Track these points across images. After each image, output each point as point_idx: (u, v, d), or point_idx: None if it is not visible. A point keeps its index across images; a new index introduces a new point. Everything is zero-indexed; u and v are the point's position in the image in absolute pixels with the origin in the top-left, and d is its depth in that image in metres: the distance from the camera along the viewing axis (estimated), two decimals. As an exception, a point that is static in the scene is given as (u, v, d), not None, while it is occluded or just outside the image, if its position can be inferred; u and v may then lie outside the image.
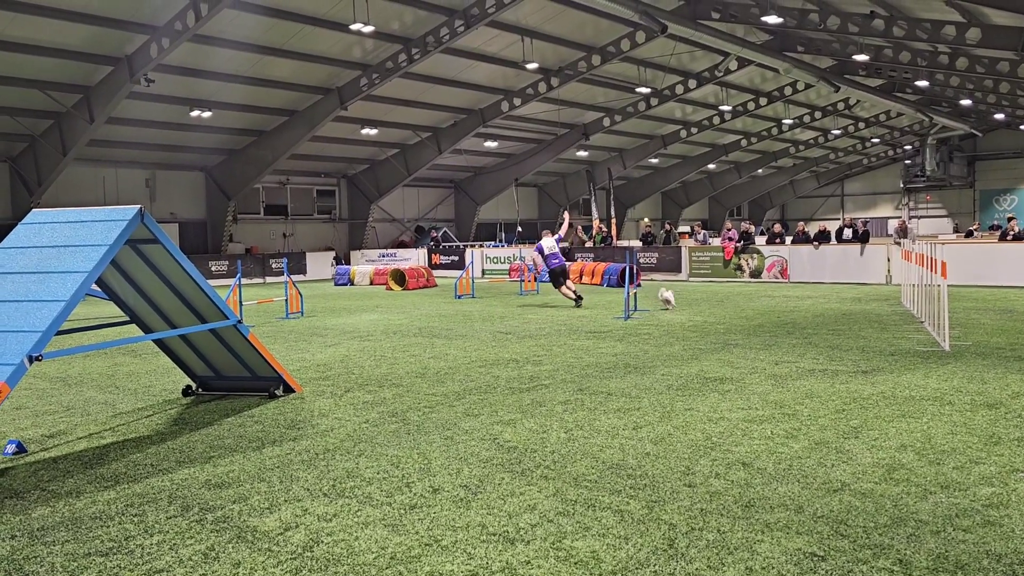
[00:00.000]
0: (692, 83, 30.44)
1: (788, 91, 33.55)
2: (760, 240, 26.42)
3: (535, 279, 22.18)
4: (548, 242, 16.92)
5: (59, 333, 6.01)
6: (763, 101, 34.66)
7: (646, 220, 31.86)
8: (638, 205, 47.94)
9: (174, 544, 4.12)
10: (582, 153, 39.77)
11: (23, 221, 6.35)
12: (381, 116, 29.79)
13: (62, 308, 5.34)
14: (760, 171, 49.82)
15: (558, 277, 16.69)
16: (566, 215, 18.80)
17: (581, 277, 24.29)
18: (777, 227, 25.64)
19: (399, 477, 5.11)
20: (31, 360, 5.10)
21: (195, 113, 25.37)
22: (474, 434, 6.13)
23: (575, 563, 3.72)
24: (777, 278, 22.88)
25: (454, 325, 13.61)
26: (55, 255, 5.83)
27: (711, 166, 46.34)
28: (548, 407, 7.01)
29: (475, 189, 40.37)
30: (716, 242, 28.96)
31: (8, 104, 22.62)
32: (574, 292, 16.57)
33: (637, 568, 3.67)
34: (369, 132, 30.73)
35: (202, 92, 24.57)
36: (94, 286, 6.05)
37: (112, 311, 14.44)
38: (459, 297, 19.68)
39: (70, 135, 23.80)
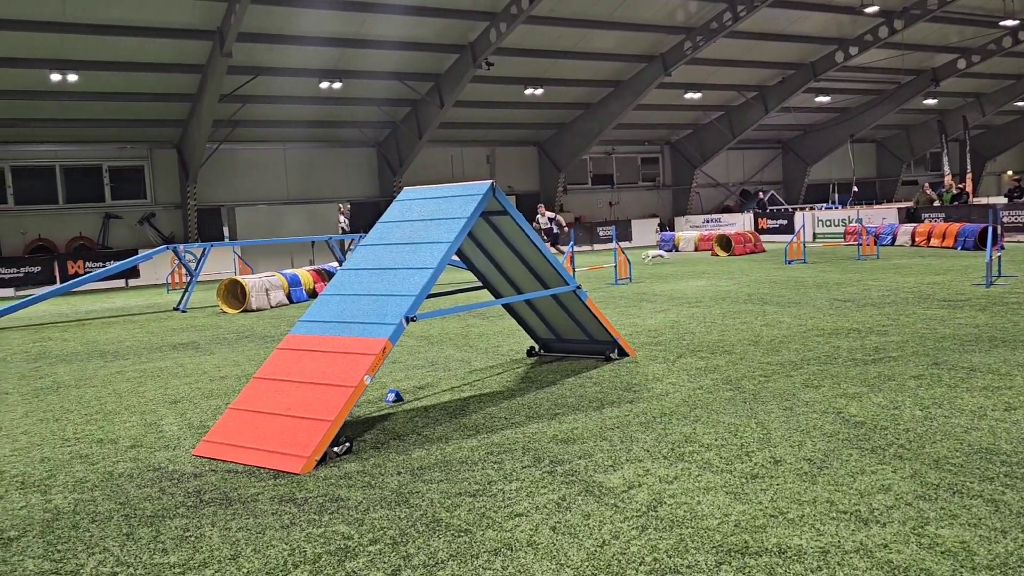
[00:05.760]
0: (1077, 8, 25.84)
1: None
2: None
3: (874, 242, 20.46)
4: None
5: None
6: None
7: (1010, 173, 27.78)
8: (999, 157, 41.94)
9: (530, 492, 4.49)
10: (930, 101, 35.68)
11: (397, 199, 7.25)
12: (704, 79, 29.23)
13: (431, 274, 6.03)
14: None
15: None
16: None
17: (929, 239, 21.93)
18: None
19: (738, 445, 5.08)
20: (407, 320, 5.83)
21: (529, 91, 26.91)
22: (815, 406, 5.88)
23: (941, 552, 3.44)
24: None
25: (786, 292, 13.07)
26: (423, 228, 6.58)
27: (1101, 105, 39.02)
28: (898, 381, 6.48)
29: (805, 148, 38.08)
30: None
31: (376, 96, 25.80)
32: None
33: (1020, 566, 3.29)
34: (692, 96, 30.33)
35: (535, 71, 25.97)
36: (453, 255, 6.71)
37: (456, 276, 15.96)
38: (789, 262, 18.82)
39: (424, 119, 26.55)
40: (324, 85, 24.05)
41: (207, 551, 3.91)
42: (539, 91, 26.93)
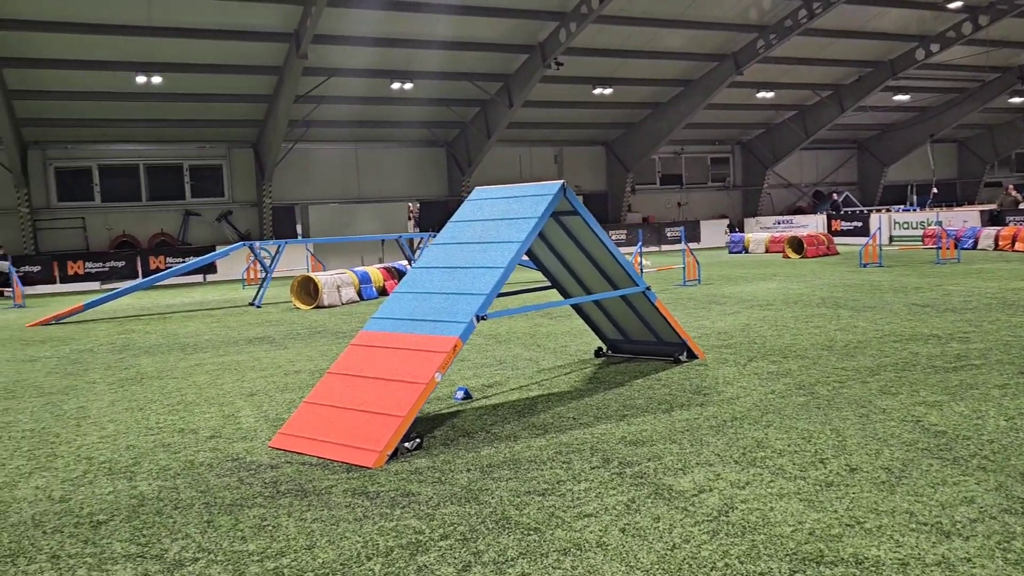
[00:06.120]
0: None
1: None
2: None
3: (955, 246, 19.76)
4: None
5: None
6: None
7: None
8: (1094, 157, 39.99)
9: (599, 492, 4.49)
10: (1016, 100, 34.26)
11: (468, 198, 7.32)
12: (777, 78, 28.67)
13: (501, 274, 6.07)
14: None
15: None
16: None
17: (1014, 243, 21.07)
18: None
19: (812, 452, 4.98)
20: (478, 319, 5.89)
21: (598, 91, 26.80)
22: (892, 414, 5.72)
23: (1028, 567, 3.32)
24: None
25: (860, 296, 12.74)
26: (494, 227, 6.64)
27: None
28: (981, 390, 6.26)
29: (881, 148, 37.00)
30: None
31: (446, 96, 26.06)
32: None
33: (1113, 584, 3.16)
34: (764, 95, 29.79)
35: (604, 70, 25.86)
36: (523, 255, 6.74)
37: (522, 276, 15.98)
38: (864, 266, 18.33)
39: (493, 119, 26.69)
40: (395, 86, 24.39)
41: (284, 540, 4.03)
42: (608, 91, 26.80)
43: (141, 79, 21.95)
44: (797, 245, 22.92)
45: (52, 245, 25.41)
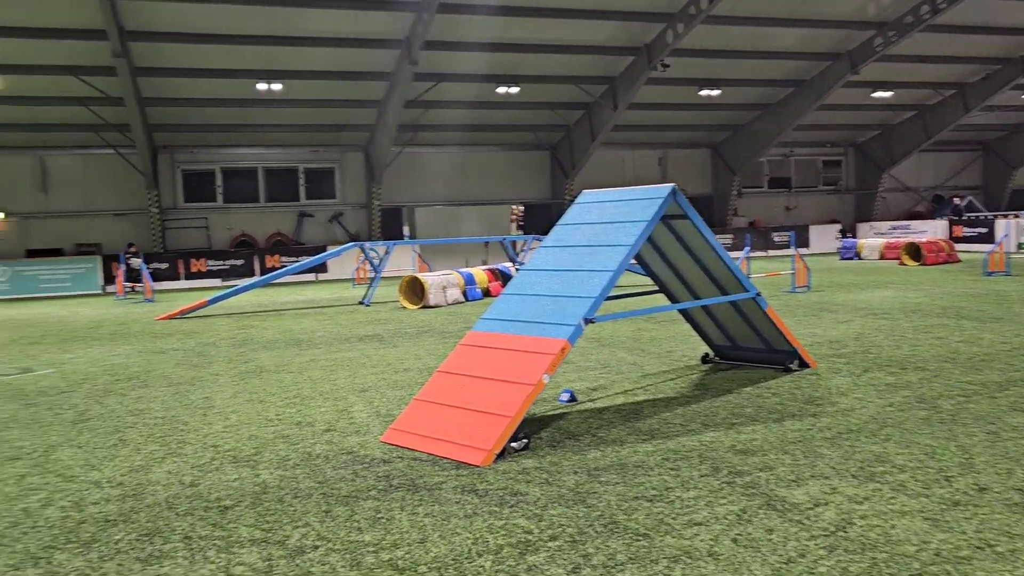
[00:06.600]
0: None
1: None
2: None
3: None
4: None
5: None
6: None
7: None
8: None
9: (709, 501, 4.43)
10: None
11: (576, 201, 7.35)
12: (896, 76, 27.46)
13: (610, 277, 6.07)
14: None
15: None
16: None
17: None
18: None
19: (935, 469, 4.77)
20: (586, 322, 5.91)
21: (704, 92, 26.34)
22: (1025, 432, 5.42)
23: None
24: None
25: (986, 306, 12.07)
26: (603, 230, 6.64)
27: None
28: (1125, 411, 5.85)
29: (1009, 150, 34.92)
30: None
31: (551, 99, 26.16)
32: None
33: None
34: (881, 95, 28.60)
35: (711, 71, 25.39)
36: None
37: (624, 279, 15.84)
38: (989, 274, 17.35)
39: (597, 122, 26.61)
40: (501, 90, 24.64)
41: (397, 533, 4.16)
42: (715, 92, 26.30)
43: (262, 86, 22.95)
44: (915, 252, 21.91)
45: (178, 244, 26.86)
